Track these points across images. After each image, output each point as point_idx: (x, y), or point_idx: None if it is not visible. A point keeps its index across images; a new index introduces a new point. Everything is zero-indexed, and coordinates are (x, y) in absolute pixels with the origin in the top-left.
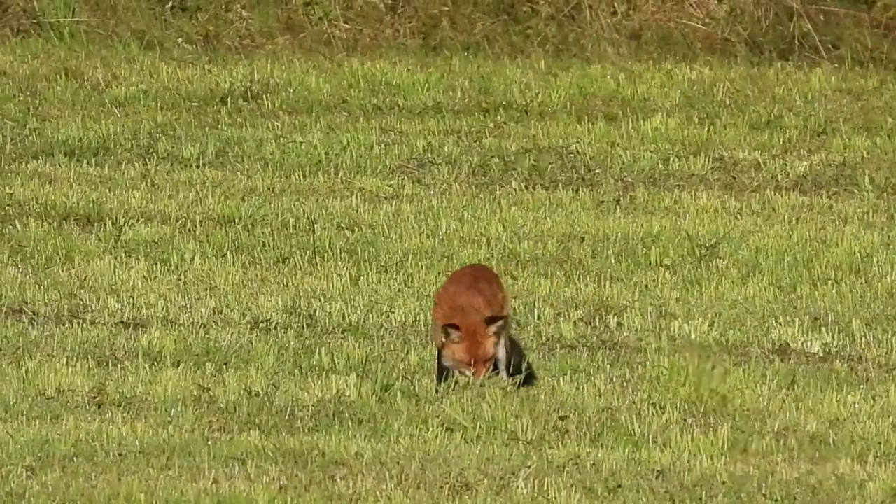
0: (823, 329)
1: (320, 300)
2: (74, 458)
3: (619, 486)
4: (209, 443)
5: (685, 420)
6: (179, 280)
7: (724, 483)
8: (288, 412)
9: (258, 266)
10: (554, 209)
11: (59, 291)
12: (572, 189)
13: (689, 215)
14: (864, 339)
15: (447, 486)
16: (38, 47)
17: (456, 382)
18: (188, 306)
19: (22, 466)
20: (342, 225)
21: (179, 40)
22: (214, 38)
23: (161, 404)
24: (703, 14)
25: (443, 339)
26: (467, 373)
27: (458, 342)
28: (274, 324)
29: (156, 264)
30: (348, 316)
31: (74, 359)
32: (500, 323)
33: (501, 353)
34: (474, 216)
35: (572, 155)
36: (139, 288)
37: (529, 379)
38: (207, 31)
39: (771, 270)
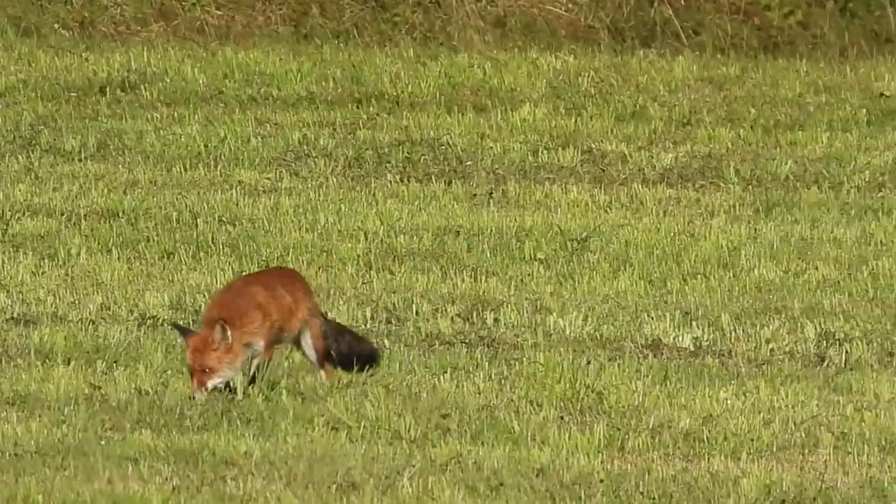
0: (694, 323)
1: (205, 296)
2: None
3: (501, 484)
4: (102, 442)
5: (562, 418)
6: (67, 275)
7: (602, 481)
8: (178, 411)
9: (143, 261)
10: (428, 202)
11: None
12: (445, 182)
13: (560, 209)
14: (733, 333)
15: (334, 485)
16: None
17: (339, 380)
18: (76, 302)
19: None
20: (223, 219)
21: (56, 26)
22: (90, 24)
23: (54, 403)
24: (566, 0)
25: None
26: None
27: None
28: (161, 320)
29: (43, 259)
30: None
31: None
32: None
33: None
34: (351, 210)
35: (444, 147)
36: (28, 283)
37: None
38: (83, 17)
39: (641, 264)
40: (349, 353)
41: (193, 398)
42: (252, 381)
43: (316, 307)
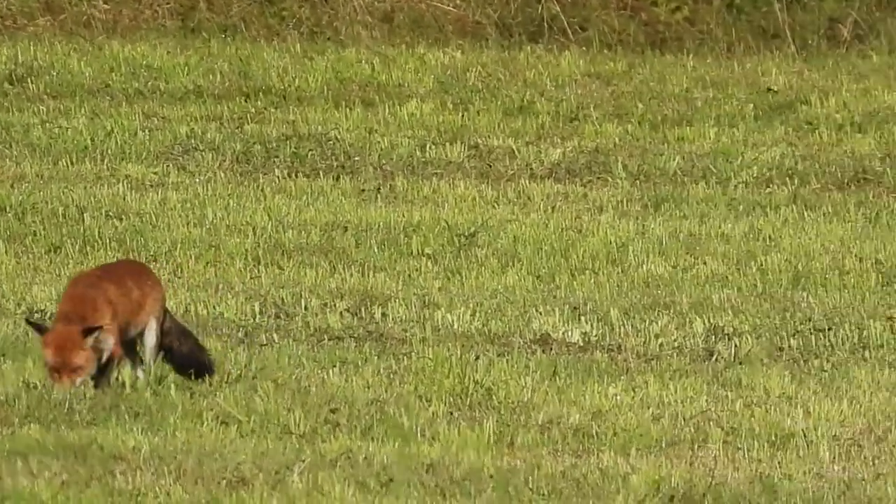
0: (583, 318)
1: None
2: None
3: (391, 480)
4: None
5: (451, 413)
6: None
7: (491, 477)
8: (66, 405)
9: (30, 255)
10: (316, 197)
11: None
12: (333, 177)
13: (448, 204)
14: (622, 328)
15: (224, 480)
16: None
17: (228, 374)
18: None
19: None
20: (110, 214)
21: None
22: None
23: None
24: None
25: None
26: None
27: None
28: (48, 314)
29: None
30: None
31: None
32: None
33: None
34: (239, 204)
35: (331, 142)
36: None
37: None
38: None
39: (529, 260)
40: (189, 356)
41: (61, 393)
42: (107, 382)
43: (163, 302)
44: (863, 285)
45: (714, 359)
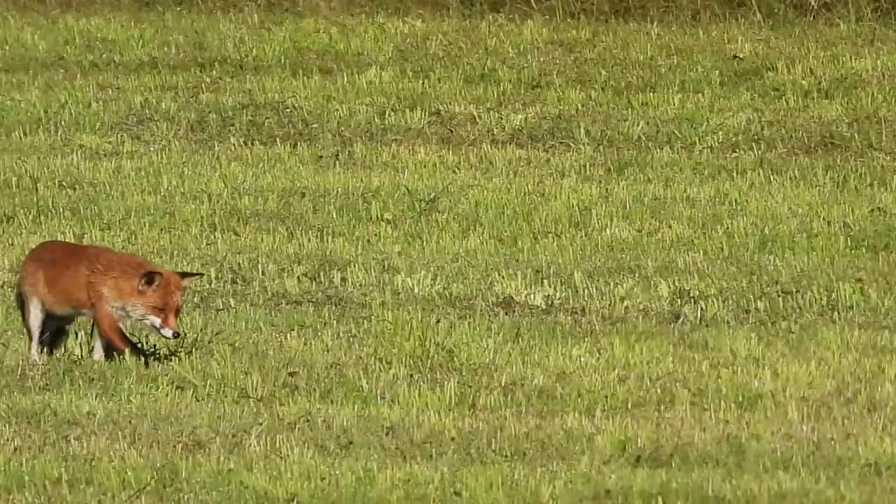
0: (546, 282)
1: None
2: None
3: (351, 442)
4: None
5: (412, 375)
6: None
7: (453, 439)
8: (19, 372)
9: None
10: (273, 164)
11: None
12: (290, 144)
13: (408, 170)
14: (586, 291)
15: (180, 444)
16: None
17: (184, 339)
18: None
19: None
20: (64, 183)
21: None
22: None
23: None
24: None
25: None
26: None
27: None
28: (1, 283)
29: None
30: None
31: None
32: None
33: None
34: (195, 172)
35: (289, 110)
36: None
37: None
38: None
39: (491, 223)
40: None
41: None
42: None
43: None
44: (831, 248)
45: (680, 321)
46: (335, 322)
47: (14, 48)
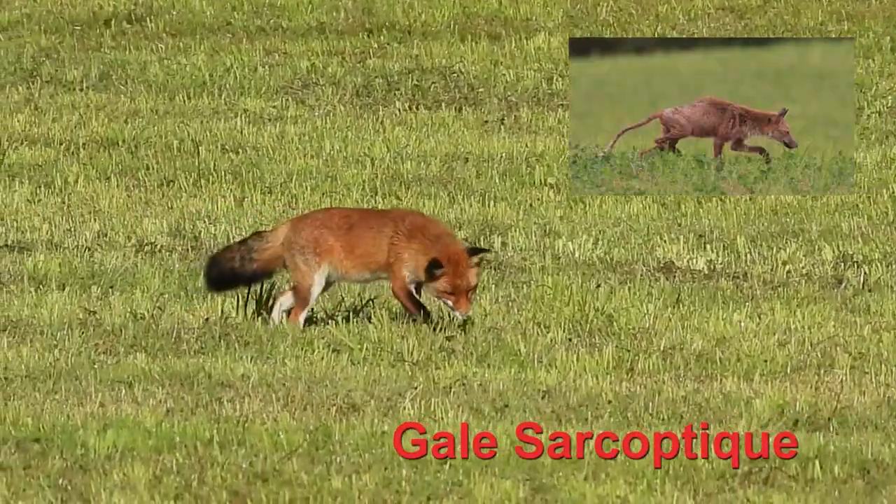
0: (708, 246)
1: (205, 222)
2: None
3: (506, 406)
4: (95, 366)
5: (570, 340)
6: (63, 203)
7: (609, 402)
8: (174, 335)
9: (142, 189)
10: (437, 129)
11: None
12: (455, 109)
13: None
14: (748, 256)
15: (334, 407)
16: None
17: (341, 303)
18: (72, 230)
19: None
20: (226, 147)
21: None
22: None
23: (47, 328)
24: None
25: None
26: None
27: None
28: (159, 246)
29: (39, 187)
30: (233, 237)
31: None
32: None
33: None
34: (358, 137)
35: (455, 75)
36: (23, 211)
37: None
38: None
39: None
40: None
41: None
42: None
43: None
44: None
45: (843, 286)
46: (494, 286)
47: (181, 13)
